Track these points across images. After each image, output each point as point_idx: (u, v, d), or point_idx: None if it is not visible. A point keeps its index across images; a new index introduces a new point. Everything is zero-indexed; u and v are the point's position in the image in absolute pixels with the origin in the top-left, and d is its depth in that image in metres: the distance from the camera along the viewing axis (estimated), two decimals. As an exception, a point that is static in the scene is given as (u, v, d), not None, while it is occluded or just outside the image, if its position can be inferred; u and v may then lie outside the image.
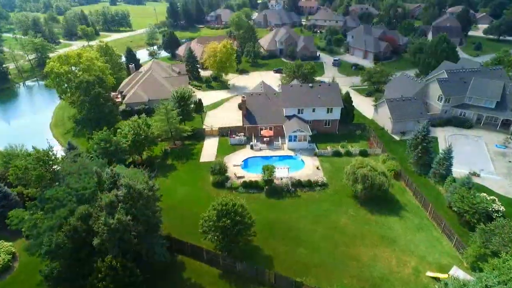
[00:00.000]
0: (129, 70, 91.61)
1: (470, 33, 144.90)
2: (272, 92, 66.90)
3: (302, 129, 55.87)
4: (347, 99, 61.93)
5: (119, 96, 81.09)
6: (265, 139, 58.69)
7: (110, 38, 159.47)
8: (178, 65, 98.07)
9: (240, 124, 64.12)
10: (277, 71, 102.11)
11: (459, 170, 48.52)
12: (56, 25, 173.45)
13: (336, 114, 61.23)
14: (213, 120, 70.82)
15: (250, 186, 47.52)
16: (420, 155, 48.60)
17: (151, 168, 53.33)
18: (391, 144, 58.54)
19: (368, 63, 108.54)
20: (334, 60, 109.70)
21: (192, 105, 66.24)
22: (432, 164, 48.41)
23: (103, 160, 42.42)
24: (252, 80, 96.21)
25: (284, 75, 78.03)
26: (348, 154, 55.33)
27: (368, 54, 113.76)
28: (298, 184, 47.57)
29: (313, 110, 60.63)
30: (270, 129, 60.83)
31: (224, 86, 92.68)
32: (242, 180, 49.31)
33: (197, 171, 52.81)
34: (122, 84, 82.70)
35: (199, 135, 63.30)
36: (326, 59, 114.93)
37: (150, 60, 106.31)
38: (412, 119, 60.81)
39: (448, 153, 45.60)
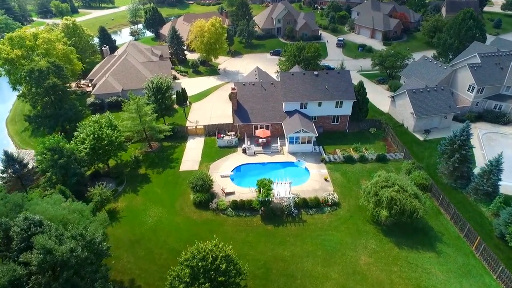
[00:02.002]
0: (103, 54, 79.11)
1: (485, 8, 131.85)
2: (269, 81, 55.48)
3: (306, 129, 45.09)
4: (360, 91, 50.82)
5: (89, 84, 69.14)
6: (260, 140, 47.97)
7: (90, 15, 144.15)
8: (161, 46, 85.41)
9: (231, 119, 53.28)
10: (274, 53, 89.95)
11: (507, 183, 38.43)
12: (29, 0, 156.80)
13: (346, 109, 50.33)
14: (199, 114, 59.60)
15: (241, 207, 37.27)
16: (456, 165, 38.29)
17: (118, 180, 42.88)
18: (414, 146, 48.07)
19: (376, 44, 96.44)
20: (338, 40, 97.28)
21: (173, 96, 54.84)
22: (472, 176, 38.34)
23: (22, 193, 30.21)
24: (245, 64, 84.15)
25: (282, 59, 66.27)
26: (363, 160, 44.94)
27: (375, 33, 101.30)
28: (303, 204, 37.40)
29: (319, 105, 49.65)
30: (267, 128, 49.97)
31: (213, 71, 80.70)
32: (231, 197, 39.02)
33: (175, 184, 42.26)
34: (93, 70, 70.50)
35: (181, 135, 52.34)
36: (329, 38, 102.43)
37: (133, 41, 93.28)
38: (439, 114, 50.13)
39: (496, 164, 35.35)
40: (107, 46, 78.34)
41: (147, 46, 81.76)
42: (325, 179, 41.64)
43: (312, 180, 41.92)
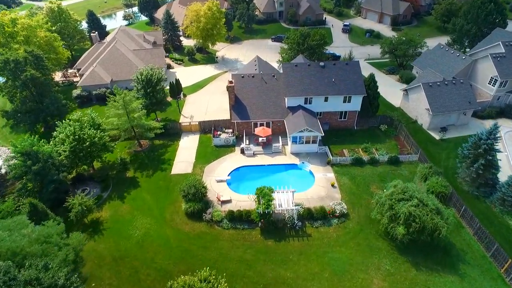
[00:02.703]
0: (92, 40, 73.70)
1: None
2: (270, 73, 50.55)
3: (311, 128, 40.64)
4: (370, 84, 45.98)
5: (77, 74, 64.22)
6: (260, 140, 43.62)
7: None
8: (154, 32, 79.81)
9: (228, 114, 48.84)
10: (275, 40, 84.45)
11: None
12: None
13: (355, 104, 45.66)
14: (194, 108, 55.05)
15: (239, 218, 33.34)
16: (480, 172, 34.05)
17: (103, 184, 38.88)
18: (429, 146, 43.68)
19: (384, 29, 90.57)
20: (344, 25, 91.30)
21: (167, 88, 50.11)
22: (497, 185, 34.21)
23: None
24: (245, 51, 78.84)
25: (285, 46, 60.95)
26: (373, 162, 40.69)
27: (384, 17, 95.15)
28: (308, 215, 33.44)
29: (326, 100, 44.96)
30: (267, 125, 45.54)
31: (211, 59, 75.50)
32: (228, 206, 35.11)
33: (166, 189, 38.23)
34: (81, 59, 65.39)
35: (173, 132, 48.00)
36: (334, 23, 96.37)
37: (126, 26, 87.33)
38: (457, 110, 45.48)
39: (528, 173, 31.16)
40: (96, 32, 72.79)
41: (139, 32, 76.18)
42: (332, 185, 37.54)
43: (317, 185, 37.83)
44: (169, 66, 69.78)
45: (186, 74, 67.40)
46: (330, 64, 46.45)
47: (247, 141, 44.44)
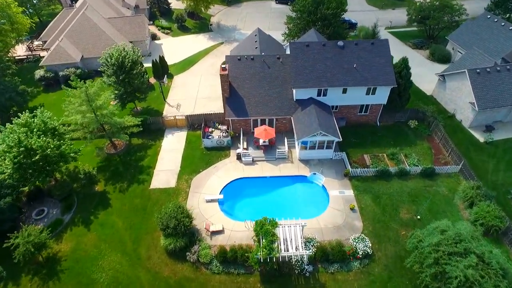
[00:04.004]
0: (61, 4, 61.97)
1: None
2: (274, 53, 40.53)
3: (326, 132, 31.87)
4: (402, 71, 36.12)
5: (43, 48, 53.81)
6: (261, 142, 35.07)
7: None
8: (137, -7, 67.31)
9: (222, 102, 39.83)
10: (280, 1, 72.03)
11: None
12: None
13: (381, 97, 36.32)
14: (182, 93, 45.70)
15: (233, 260, 25.97)
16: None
17: (65, 203, 31.24)
18: (472, 151, 35.08)
19: (408, -12, 77.02)
20: (361, -17, 77.47)
21: (144, 74, 40.47)
22: None
23: None
24: (244, 17, 67.10)
25: (292, 14, 49.61)
26: (402, 173, 32.45)
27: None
28: (321, 256, 26.00)
29: (344, 91, 35.62)
30: (270, 124, 36.70)
31: (204, 26, 64.15)
32: (219, 238, 27.65)
33: (143, 211, 30.57)
34: (46, 29, 54.55)
35: (155, 127, 39.35)
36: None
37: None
38: (510, 104, 36.15)
39: None
40: (66, -6, 60.99)
41: (119, -6, 63.88)
42: (351, 209, 29.69)
43: (332, 208, 30.01)
44: (154, 37, 58.92)
45: (174, 47, 56.88)
46: (351, 44, 36.26)
47: (245, 143, 35.91)
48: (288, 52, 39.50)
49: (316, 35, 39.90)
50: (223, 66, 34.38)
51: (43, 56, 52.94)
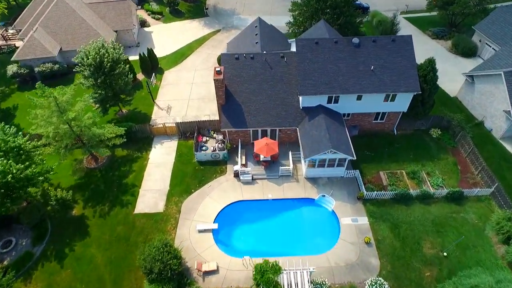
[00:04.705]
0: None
1: None
2: (277, 51, 35.12)
3: (337, 150, 27.22)
4: (428, 75, 30.81)
5: (16, 36, 47.99)
6: (262, 158, 30.50)
7: None
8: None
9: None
10: (283, -19, 64.67)
11: None
12: None
13: (401, 104, 31.34)
14: (173, 92, 40.61)
15: (227, 309, 22.28)
16: None
17: (37, 232, 27.22)
18: (505, 169, 30.32)
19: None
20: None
21: (128, 74, 35.17)
22: None
23: None
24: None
25: (298, 0, 43.35)
26: (425, 197, 28.13)
27: None
28: (332, 305, 22.24)
29: (359, 98, 30.62)
30: (273, 135, 31.98)
31: (199, 10, 57.72)
32: (212, 280, 23.76)
33: (126, 241, 26.52)
34: (20, 16, 48.47)
35: (142, 135, 34.71)
36: (360, -44, 74.51)
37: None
38: (550, 113, 31.22)
39: None
40: (44, -27, 54.07)
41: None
42: (366, 242, 25.63)
43: (344, 241, 25.93)
44: (143, 23, 52.86)
45: (166, 35, 50.97)
46: (368, 41, 30.80)
47: (243, 157, 31.38)
48: (293, 48, 34.14)
49: (326, 28, 34.29)
50: (217, 69, 29.21)
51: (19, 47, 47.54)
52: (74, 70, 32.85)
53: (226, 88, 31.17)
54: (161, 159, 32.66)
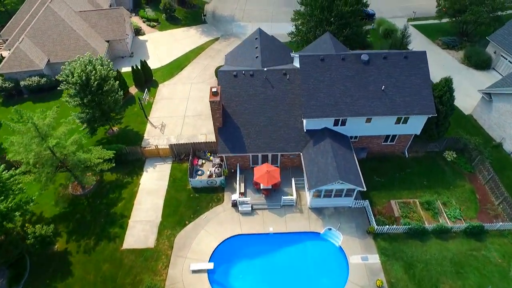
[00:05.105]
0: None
1: None
2: (279, 62, 32.56)
3: (346, 181, 24.67)
4: (444, 96, 28.19)
5: (2, 47, 45.39)
6: (262, 187, 27.95)
7: None
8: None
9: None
10: (285, -15, 62.01)
11: None
12: None
13: (414, 127, 28.78)
14: (168, 107, 38.04)
15: None
16: None
17: (14, 271, 24.75)
18: (527, 198, 28.04)
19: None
20: (378, -38, 67.00)
21: (118, 91, 32.59)
22: None
23: None
24: (244, 4, 57.74)
25: (301, 8, 40.58)
26: (442, 231, 25.60)
27: (432, -49, 70.08)
28: None
29: (368, 120, 28.06)
30: (274, 160, 29.44)
31: (196, 16, 55.16)
32: (207, 331, 21.30)
33: (113, 282, 24.06)
34: (7, 25, 45.90)
35: (133, 158, 32.18)
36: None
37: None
38: None
39: None
40: (33, -21, 51.53)
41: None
42: (378, 286, 23.10)
43: (353, 284, 23.36)
44: (138, 32, 50.27)
45: (161, 44, 48.40)
46: (379, 58, 28.21)
47: (242, 184, 28.83)
48: (296, 63, 31.55)
49: (331, 42, 31.64)
50: (213, 90, 26.63)
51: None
52: (58, 88, 30.18)
53: (223, 108, 28.65)
54: (153, 185, 30.11)
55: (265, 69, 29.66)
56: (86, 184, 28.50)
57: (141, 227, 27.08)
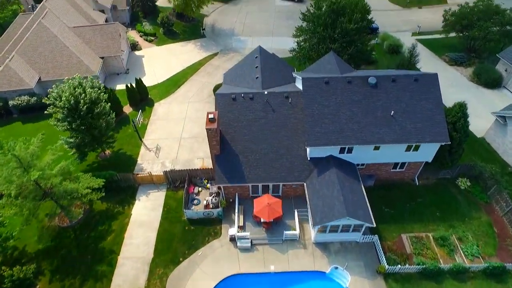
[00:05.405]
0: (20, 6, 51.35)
1: None
2: (280, 82, 30.79)
3: (354, 216, 22.63)
4: (458, 122, 26.27)
5: (-3, 63, 43.84)
6: (263, 220, 25.89)
7: None
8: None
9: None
10: (286, -3, 60.98)
11: None
12: None
13: (426, 154, 26.84)
14: (164, 129, 36.14)
15: None
16: None
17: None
18: (549, 232, 25.95)
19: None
20: (381, -26, 65.88)
21: (110, 113, 30.79)
22: None
23: None
24: (243, 17, 56.43)
25: (303, 24, 38.90)
26: (459, 271, 23.45)
27: (435, -37, 69.04)
28: None
29: (376, 147, 26.14)
30: (275, 189, 27.45)
31: (195, 30, 53.75)
32: None
33: (98, 329, 22.03)
34: (1, 38, 44.38)
35: (125, 185, 30.19)
36: (366, -29, 70.68)
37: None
38: None
39: None
40: (27, -7, 50.42)
41: (91, -8, 53.01)
42: (392, 336, 20.93)
43: (363, 332, 21.25)
44: (134, 47, 48.68)
45: (158, 60, 46.83)
46: (387, 81, 26.38)
47: (241, 216, 26.78)
48: (298, 83, 29.68)
49: (336, 62, 29.82)
50: (210, 116, 24.76)
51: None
52: (45, 112, 28.38)
53: (221, 134, 26.76)
54: (145, 215, 28.06)
55: (265, 92, 27.79)
56: (72, 218, 26.40)
57: (131, 264, 24.96)
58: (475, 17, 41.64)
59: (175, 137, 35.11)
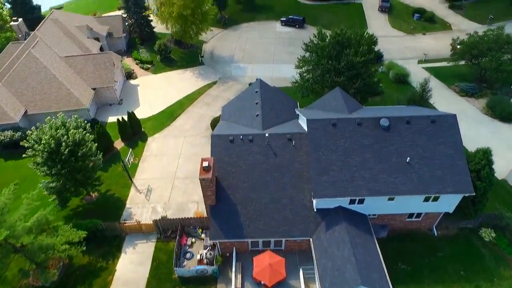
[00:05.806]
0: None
1: None
2: (282, 118, 28.37)
3: (369, 283, 19.56)
4: (482, 170, 23.55)
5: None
6: (263, 283, 22.76)
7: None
8: (113, 15, 55.03)
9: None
10: (287, 23, 59.52)
11: None
12: None
13: (446, 205, 23.99)
14: (156, 167, 33.37)
15: None
16: None
17: None
18: None
19: (439, 7, 64.20)
20: (382, 0, 64.99)
21: (97, 154, 28.18)
22: None
23: None
24: (243, 43, 54.70)
25: (306, 54, 36.78)
26: None
27: (437, -12, 68.40)
28: None
29: (391, 198, 23.32)
30: (277, 244, 24.44)
31: (193, 57, 51.90)
32: None
33: None
34: (-11, 68, 42.54)
35: (111, 235, 27.13)
36: (368, -3, 70.01)
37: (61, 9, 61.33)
38: None
39: None
40: (20, 19, 48.73)
41: (86, 17, 51.49)
42: None
43: None
44: (129, 75, 46.65)
45: (154, 90, 44.64)
46: (401, 123, 23.88)
47: (239, 276, 23.66)
48: (301, 121, 27.20)
49: (343, 99, 27.48)
50: (205, 164, 22.09)
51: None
52: (23, 156, 25.77)
53: (217, 181, 24.04)
54: (131, 272, 24.94)
55: (266, 134, 25.21)
56: (45, 282, 23.28)
57: (112, 335, 21.73)
58: (485, 47, 39.72)
59: (168, 176, 32.32)
